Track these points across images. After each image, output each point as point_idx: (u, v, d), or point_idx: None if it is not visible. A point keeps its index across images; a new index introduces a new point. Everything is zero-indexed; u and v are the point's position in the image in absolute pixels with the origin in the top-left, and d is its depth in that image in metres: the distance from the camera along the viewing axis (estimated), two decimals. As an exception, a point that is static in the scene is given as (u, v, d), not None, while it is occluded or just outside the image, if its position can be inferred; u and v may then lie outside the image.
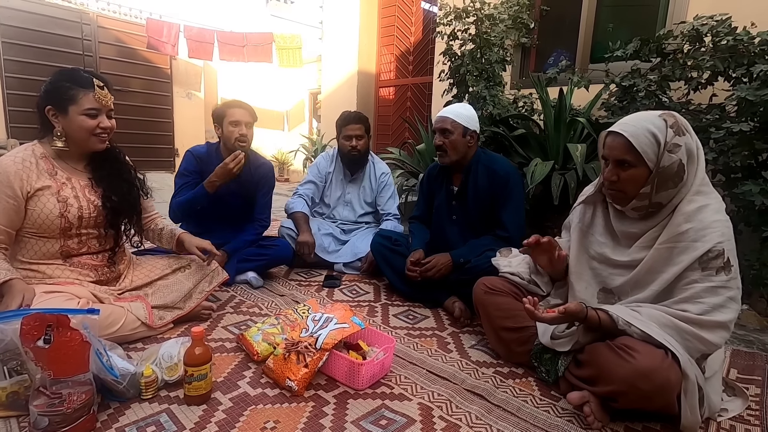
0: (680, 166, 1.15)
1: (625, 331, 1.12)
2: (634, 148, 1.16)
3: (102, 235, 1.51)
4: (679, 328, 1.11)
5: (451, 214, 2.08)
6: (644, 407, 1.13)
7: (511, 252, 1.72)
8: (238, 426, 1.11)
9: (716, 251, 1.11)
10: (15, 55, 5.46)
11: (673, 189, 1.17)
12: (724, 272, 1.11)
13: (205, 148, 2.26)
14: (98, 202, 1.47)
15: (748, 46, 1.95)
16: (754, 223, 1.93)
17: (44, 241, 1.41)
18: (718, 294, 1.11)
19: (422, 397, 1.29)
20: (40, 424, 1.00)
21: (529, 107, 3.14)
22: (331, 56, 5.86)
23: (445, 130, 1.94)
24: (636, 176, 1.19)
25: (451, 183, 2.08)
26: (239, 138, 2.10)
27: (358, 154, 2.59)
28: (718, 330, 1.11)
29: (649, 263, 1.21)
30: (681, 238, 1.16)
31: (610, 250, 1.32)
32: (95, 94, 1.38)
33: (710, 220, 1.14)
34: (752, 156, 1.92)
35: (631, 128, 1.18)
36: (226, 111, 2.12)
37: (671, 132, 1.15)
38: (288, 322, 1.56)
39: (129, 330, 1.47)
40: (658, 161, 1.16)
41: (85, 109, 1.37)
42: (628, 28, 3.10)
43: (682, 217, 1.17)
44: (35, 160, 1.38)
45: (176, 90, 6.90)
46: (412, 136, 4.96)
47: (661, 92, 2.26)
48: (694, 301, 1.12)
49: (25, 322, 1.00)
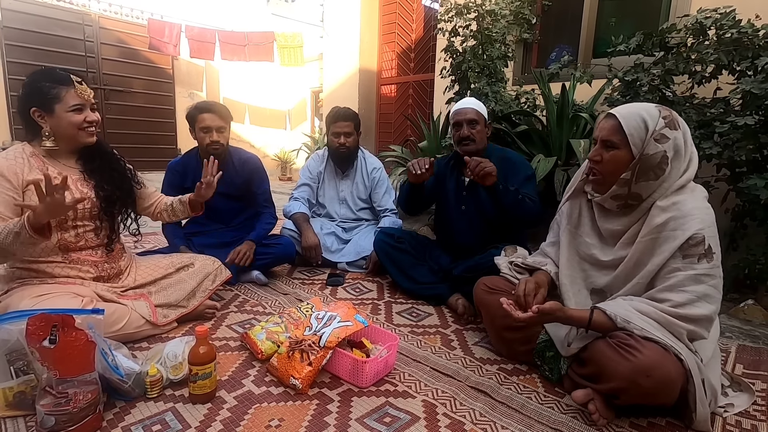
0: (663, 158, 1.15)
1: (625, 328, 1.12)
2: (622, 130, 1.17)
3: (98, 227, 1.53)
4: (667, 322, 1.11)
5: (461, 204, 2.07)
6: (647, 402, 1.13)
7: (516, 251, 1.71)
8: (242, 424, 1.12)
9: (697, 238, 1.11)
10: (18, 57, 5.49)
11: (654, 181, 1.17)
12: (706, 259, 1.11)
13: (181, 159, 2.25)
14: (91, 194, 1.49)
15: (752, 39, 1.93)
16: (759, 217, 1.92)
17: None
18: (701, 282, 1.11)
19: (426, 395, 1.29)
20: (46, 423, 1.01)
21: (532, 103, 3.13)
22: (333, 54, 5.86)
23: (472, 120, 1.95)
24: (618, 158, 1.19)
25: (462, 174, 2.08)
26: (211, 145, 2.07)
27: (347, 151, 2.56)
28: (704, 322, 1.12)
29: (635, 257, 1.21)
30: (662, 229, 1.16)
31: (598, 250, 1.32)
32: (77, 89, 1.40)
33: (689, 207, 1.14)
34: (757, 150, 1.91)
35: (625, 111, 1.19)
36: (197, 116, 2.08)
37: (662, 122, 1.15)
38: (292, 321, 1.56)
39: (134, 328, 1.48)
40: (642, 147, 1.16)
41: (71, 106, 1.39)
42: (630, 22, 3.08)
43: (658, 210, 1.17)
44: (26, 158, 1.40)
45: (178, 90, 6.92)
46: (414, 133, 4.96)
47: (664, 86, 2.25)
48: (678, 289, 1.12)
49: (31, 322, 1.00)
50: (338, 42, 5.72)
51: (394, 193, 2.76)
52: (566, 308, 1.24)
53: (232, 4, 7.40)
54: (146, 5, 6.43)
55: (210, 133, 2.07)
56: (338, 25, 5.70)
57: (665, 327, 1.11)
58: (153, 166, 6.01)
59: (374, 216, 2.76)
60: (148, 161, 6.20)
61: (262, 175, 2.34)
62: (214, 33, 6.47)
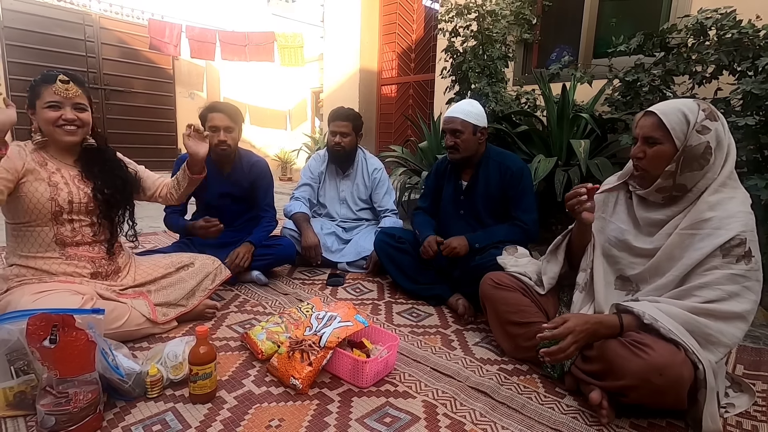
0: (707, 149, 1.16)
1: (652, 325, 1.11)
2: (664, 125, 1.19)
3: (95, 223, 1.53)
4: (698, 324, 1.10)
5: (459, 208, 2.09)
6: (654, 402, 1.13)
7: (517, 251, 1.72)
8: (243, 424, 1.12)
9: (738, 240, 1.12)
10: (19, 57, 5.49)
11: (698, 172, 1.18)
12: (744, 261, 1.11)
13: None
14: (89, 191, 1.50)
15: (753, 39, 1.93)
16: (760, 217, 1.91)
17: (38, 231, 1.44)
18: (737, 282, 1.11)
19: (426, 395, 1.29)
20: (47, 423, 1.01)
21: (532, 103, 3.13)
22: (333, 54, 5.85)
23: (455, 130, 1.94)
24: (662, 153, 1.21)
25: (460, 178, 2.09)
26: (218, 144, 2.10)
27: (342, 150, 2.56)
28: (735, 321, 1.11)
29: (669, 249, 1.21)
30: (704, 225, 1.17)
31: (632, 237, 1.32)
32: (54, 87, 1.42)
33: (735, 210, 1.15)
34: (758, 150, 1.91)
35: (664, 107, 1.22)
36: (207, 115, 2.12)
37: (702, 114, 1.17)
38: (292, 321, 1.56)
39: (134, 326, 1.49)
40: (685, 139, 1.17)
41: (46, 102, 1.42)
42: (631, 23, 3.08)
43: (706, 205, 1.18)
44: (27, 151, 1.45)
45: (179, 90, 6.92)
46: (415, 133, 4.96)
47: (665, 87, 2.25)
48: (713, 287, 1.12)
49: (31, 322, 1.00)
50: (338, 42, 5.72)
51: (394, 193, 2.76)
52: (593, 315, 1.23)
53: (233, 4, 7.40)
54: (147, 5, 6.43)
55: (218, 132, 2.10)
56: (338, 26, 5.70)
57: (691, 330, 1.10)
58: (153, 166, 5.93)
59: (374, 216, 2.77)
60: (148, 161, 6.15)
61: (268, 180, 2.36)
62: (214, 33, 6.47)
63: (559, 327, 1.18)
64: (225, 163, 2.23)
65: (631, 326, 1.17)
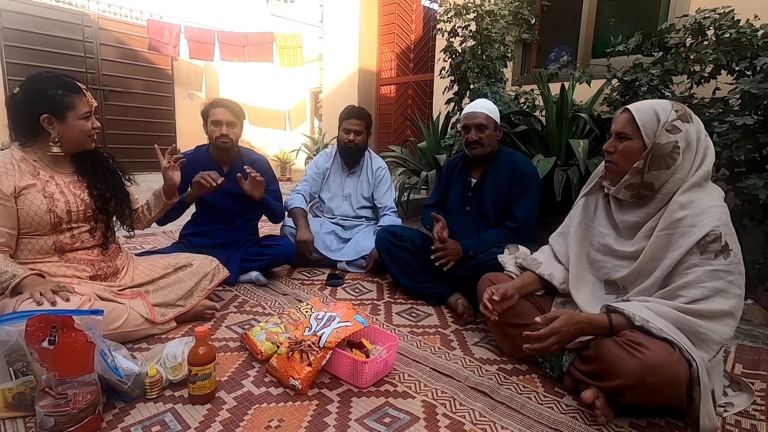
0: (675, 148, 1.18)
1: (643, 326, 1.12)
2: (635, 122, 1.22)
3: (93, 228, 1.53)
4: (689, 322, 1.11)
5: (466, 205, 2.10)
6: (652, 401, 1.13)
7: (518, 249, 1.72)
8: (242, 425, 1.12)
9: (714, 235, 1.13)
10: (17, 57, 5.48)
11: (665, 171, 1.20)
12: (723, 256, 1.12)
13: (192, 152, 2.27)
14: (84, 196, 1.49)
15: (751, 39, 1.93)
16: (758, 217, 1.92)
17: (37, 239, 1.43)
18: (719, 278, 1.12)
19: (426, 395, 1.29)
20: (46, 424, 1.01)
21: (531, 103, 3.13)
22: (332, 55, 5.86)
23: (481, 125, 1.96)
24: (631, 148, 1.24)
25: (470, 175, 2.10)
26: (220, 138, 2.13)
27: (355, 147, 2.62)
28: (724, 318, 1.11)
29: (651, 251, 1.23)
30: (678, 224, 1.18)
31: (612, 240, 1.34)
32: (87, 98, 1.44)
33: (706, 206, 1.16)
34: (756, 150, 1.91)
35: (639, 105, 1.26)
36: (210, 110, 2.15)
37: (674, 114, 1.19)
38: (291, 321, 1.56)
39: (133, 326, 1.49)
40: (654, 137, 1.20)
41: (83, 114, 1.43)
42: (629, 23, 3.08)
43: (677, 205, 1.20)
44: (15, 163, 1.40)
45: (178, 91, 6.91)
46: (414, 133, 4.96)
47: (663, 86, 2.25)
48: (696, 285, 1.13)
49: (30, 323, 1.00)
50: (337, 42, 5.72)
51: (395, 192, 2.79)
52: (583, 314, 1.24)
53: (232, 4, 7.40)
54: (145, 6, 6.42)
55: (220, 126, 2.12)
56: (337, 26, 5.70)
57: (682, 329, 1.11)
58: (152, 166, 5.98)
59: (373, 215, 2.80)
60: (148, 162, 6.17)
61: (270, 175, 2.37)
62: (213, 34, 6.47)
63: (547, 325, 1.20)
64: (225, 161, 2.24)
65: (621, 325, 1.17)
